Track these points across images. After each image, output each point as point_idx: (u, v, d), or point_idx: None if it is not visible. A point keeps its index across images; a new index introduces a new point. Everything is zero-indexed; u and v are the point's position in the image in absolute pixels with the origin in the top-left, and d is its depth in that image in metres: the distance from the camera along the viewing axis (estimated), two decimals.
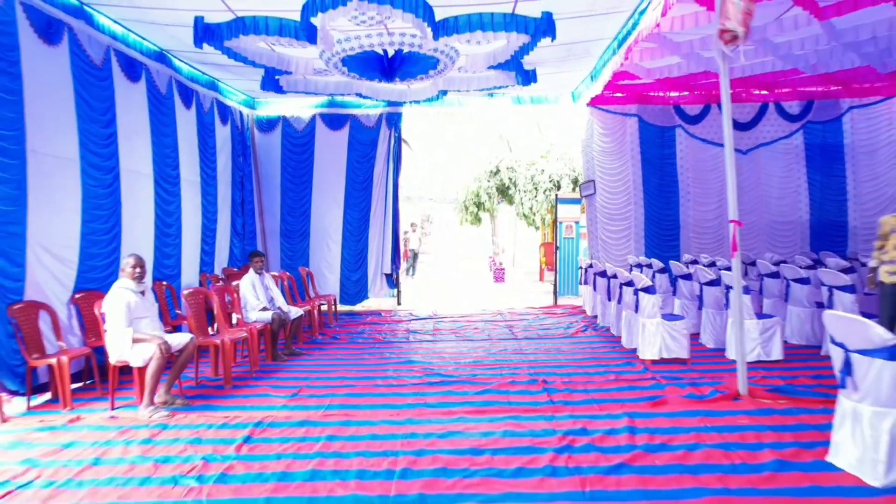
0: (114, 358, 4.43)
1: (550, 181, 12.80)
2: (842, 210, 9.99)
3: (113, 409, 4.47)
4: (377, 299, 10.08)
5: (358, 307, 9.79)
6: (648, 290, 5.59)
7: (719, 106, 9.90)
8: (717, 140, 9.92)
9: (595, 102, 9.56)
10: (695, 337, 6.42)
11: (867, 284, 4.99)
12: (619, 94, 9.60)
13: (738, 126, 10.08)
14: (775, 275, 7.02)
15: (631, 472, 3.18)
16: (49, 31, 4.93)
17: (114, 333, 4.36)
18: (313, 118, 9.61)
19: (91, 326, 5.25)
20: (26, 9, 4.67)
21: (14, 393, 4.46)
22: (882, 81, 9.29)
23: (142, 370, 4.35)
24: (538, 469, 3.23)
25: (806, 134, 10.00)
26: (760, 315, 5.67)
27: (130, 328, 4.34)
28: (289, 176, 9.73)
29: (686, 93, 9.76)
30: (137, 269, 4.48)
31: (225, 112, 8.55)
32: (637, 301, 5.70)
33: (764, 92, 9.72)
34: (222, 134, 8.44)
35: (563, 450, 3.48)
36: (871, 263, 4.91)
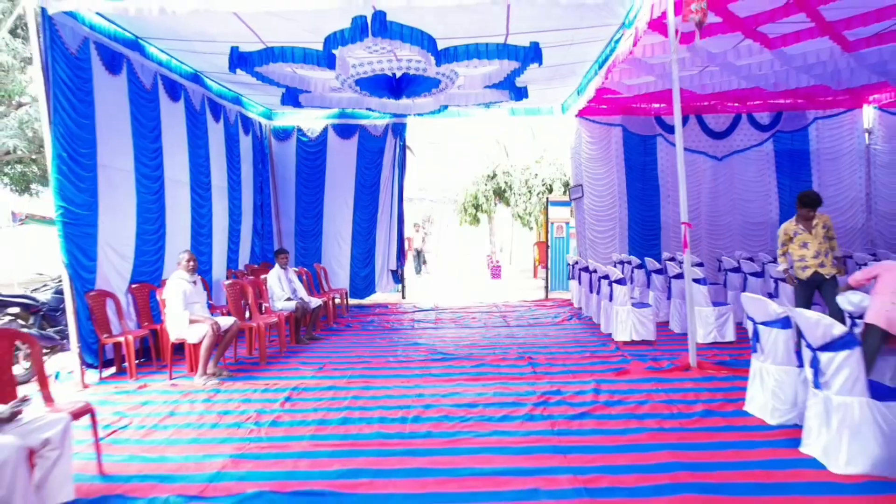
0: (173, 336, 5.37)
1: (543, 185, 13.74)
2: None
3: (171, 378, 5.39)
4: (384, 294, 11.01)
5: (366, 301, 10.72)
6: (621, 281, 6.52)
7: (697, 117, 11.00)
8: (694, 148, 10.87)
9: (582, 114, 10.48)
10: (665, 324, 7.35)
11: (788, 282, 5.83)
12: (604, 107, 10.50)
13: (714, 135, 11.05)
14: (737, 269, 7.95)
15: (591, 419, 4.10)
16: (112, 63, 5.86)
17: (173, 316, 5.29)
18: (325, 128, 10.54)
19: (144, 312, 6.20)
20: (97, 46, 5.60)
21: (90, 366, 5.38)
22: (843, 95, 10.23)
23: (196, 346, 5.28)
24: (519, 416, 4.16)
25: (775, 142, 10.92)
26: (717, 303, 6.60)
27: (187, 311, 5.26)
28: (303, 181, 10.66)
29: (665, 105, 10.67)
30: (191, 263, 5.41)
31: (247, 123, 9.48)
32: (611, 291, 6.63)
33: (737, 104, 10.63)
34: (245, 143, 9.36)
35: (539, 404, 4.41)
36: (780, 267, 5.77)
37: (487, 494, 2.98)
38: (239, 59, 6.70)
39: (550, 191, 13.58)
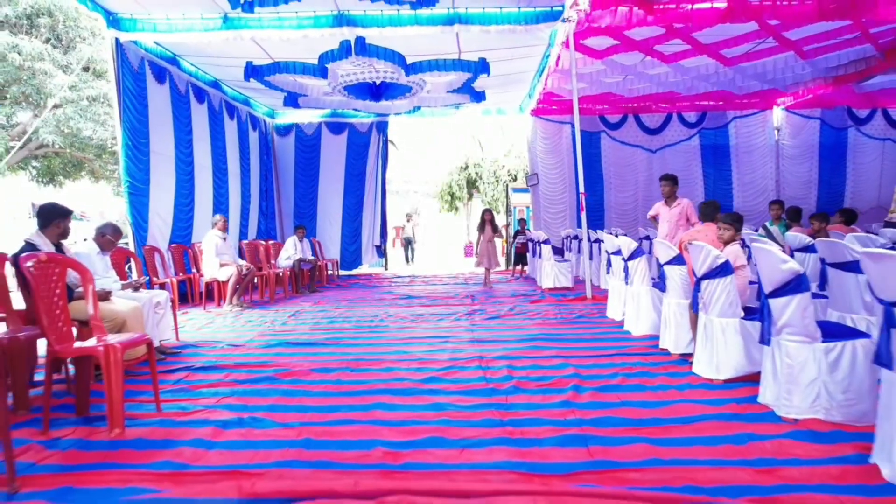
0: (207, 276, 7.29)
1: (509, 175, 15.70)
2: (728, 196, 12.92)
3: (205, 309, 7.31)
4: (370, 267, 12.94)
5: (354, 272, 12.64)
6: (546, 242, 8.49)
7: (634, 116, 12.97)
8: (632, 142, 12.87)
9: (536, 113, 12.45)
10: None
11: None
12: (555, 107, 12.46)
13: (649, 131, 13.03)
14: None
15: (501, 320, 6.05)
16: (159, 75, 7.76)
17: (207, 262, 7.21)
18: (320, 125, 12.45)
19: (179, 265, 8.09)
20: (149, 63, 7.51)
21: None
22: (755, 98, 12.24)
23: (225, 284, 7.20)
24: (457, 317, 6.12)
25: (701, 137, 12.92)
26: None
27: (218, 259, 7.18)
28: (300, 170, 12.57)
29: (607, 106, 12.64)
30: (222, 223, 7.33)
31: (254, 121, 11.38)
32: (541, 251, 8.60)
33: (665, 105, 12.62)
34: (253, 138, 11.26)
35: (469, 314, 6.37)
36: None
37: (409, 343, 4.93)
38: (252, 71, 8.63)
39: (515, 180, 15.55)
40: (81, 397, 3.03)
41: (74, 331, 3.27)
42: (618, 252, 5.66)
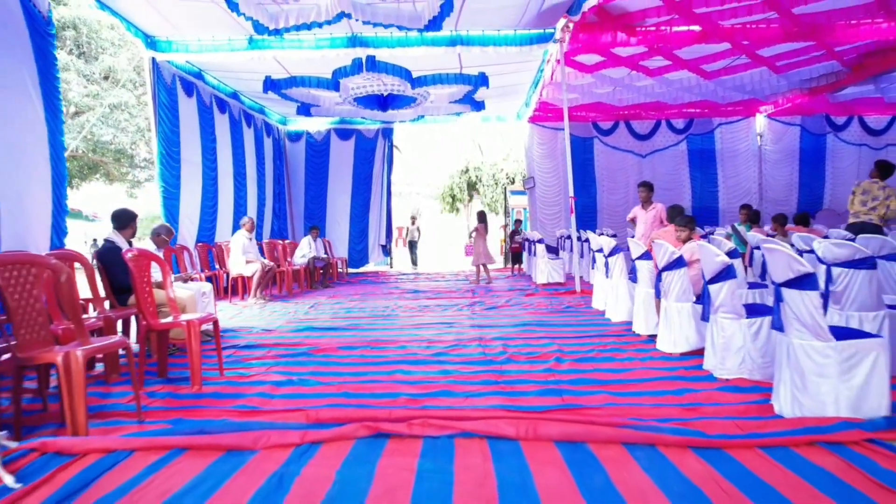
0: (234, 272, 8.06)
1: (507, 178, 16.48)
2: (714, 198, 13.71)
3: (231, 302, 8.08)
4: (376, 265, 13.72)
5: (361, 270, 13.42)
6: (540, 241, 9.26)
7: (625, 123, 13.74)
8: (624, 147, 13.65)
9: (533, 120, 13.23)
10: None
11: None
12: (550, 115, 13.23)
13: (639, 137, 13.81)
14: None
15: (500, 310, 6.82)
16: (188, 89, 8.54)
17: (235, 259, 7.98)
18: (329, 131, 13.23)
19: (204, 262, 8.86)
20: (180, 78, 8.29)
21: None
22: (739, 106, 13.02)
23: (249, 279, 7.97)
24: (459, 308, 6.89)
25: (688, 143, 13.70)
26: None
27: (244, 256, 7.96)
28: (310, 174, 13.34)
29: (599, 114, 13.40)
30: (250, 224, 8.11)
31: (269, 129, 12.16)
32: (535, 250, 9.37)
33: (655, 112, 13.39)
34: (267, 144, 12.04)
35: (469, 305, 7.14)
36: None
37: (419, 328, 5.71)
38: (271, 84, 9.42)
39: (513, 182, 16.32)
40: (162, 362, 3.81)
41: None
42: (601, 250, 6.43)
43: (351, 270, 13.12)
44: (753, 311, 3.66)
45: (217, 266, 8.89)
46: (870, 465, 2.30)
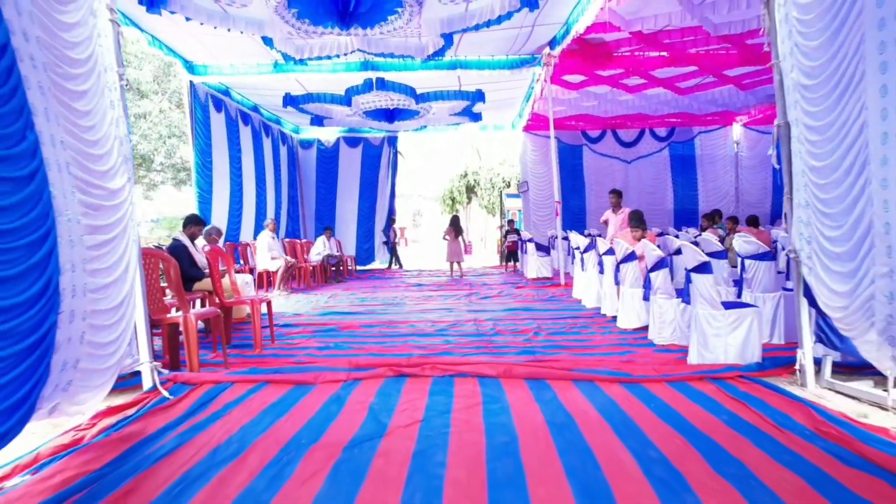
0: (260, 267, 9.17)
1: (503, 182, 17.61)
2: (694, 200, 14.82)
3: (257, 294, 9.18)
4: (380, 262, 14.83)
5: (367, 267, 14.53)
6: (531, 240, 10.37)
7: (612, 131, 14.84)
8: (610, 154, 14.76)
9: (527, 129, 14.33)
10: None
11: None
12: (542, 124, 14.32)
13: (625, 144, 14.92)
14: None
15: (492, 300, 7.93)
16: (218, 105, 9.65)
17: (261, 256, 9.10)
18: (338, 139, 14.34)
19: (232, 260, 9.96)
20: (211, 96, 9.40)
21: None
22: (717, 116, 14.12)
23: (274, 273, 9.08)
24: (458, 297, 8.00)
25: (670, 150, 14.81)
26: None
27: (269, 253, 9.07)
28: (321, 178, 14.45)
29: (588, 123, 14.51)
30: (273, 224, 9.22)
31: (284, 137, 13.27)
32: (526, 248, 10.49)
33: (639, 122, 14.49)
34: (282, 151, 13.15)
35: (468, 295, 8.25)
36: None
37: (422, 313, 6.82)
38: (290, 100, 10.53)
39: (508, 186, 17.45)
40: (227, 332, 4.92)
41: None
42: (578, 247, 7.55)
43: (359, 268, 14.22)
44: (681, 293, 4.78)
45: (241, 262, 9.99)
46: (734, 390, 3.41)
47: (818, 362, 3.53)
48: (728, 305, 3.93)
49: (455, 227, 11.66)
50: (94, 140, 2.78)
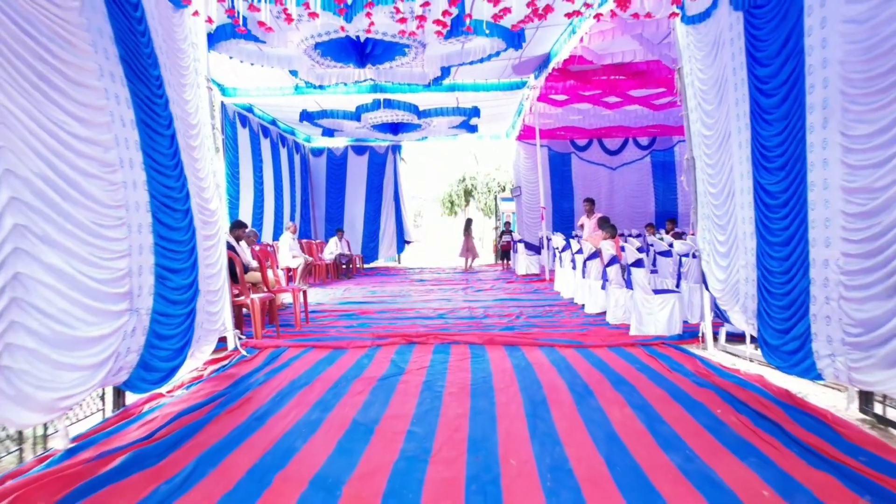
0: (282, 265, 10.45)
1: (499, 186, 18.88)
2: (674, 204, 16.08)
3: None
4: (385, 261, 16.12)
5: (373, 265, 15.82)
6: (521, 241, 11.66)
7: (598, 140, 16.07)
8: (596, 161, 16.02)
9: (520, 138, 15.58)
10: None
11: None
12: (533, 134, 15.58)
13: (610, 152, 16.18)
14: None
15: (485, 292, 9.21)
16: (243, 121, 10.93)
17: (283, 254, 10.39)
18: (346, 148, 15.62)
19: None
20: (238, 114, 10.67)
21: None
22: None
23: (295, 270, 10.36)
24: (455, 290, 9.29)
25: (652, 157, 16.07)
26: None
27: (290, 252, 10.36)
28: (330, 184, 15.73)
29: (575, 134, 15.76)
30: (294, 227, 10.51)
31: (297, 146, 14.55)
32: (516, 247, 11.77)
33: (623, 132, 15.75)
34: (296, 160, 14.42)
35: (464, 289, 9.54)
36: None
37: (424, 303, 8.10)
38: (306, 116, 11.81)
39: (503, 190, 18.72)
40: (273, 314, 6.20)
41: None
42: (558, 247, 8.83)
43: (366, 266, 15.50)
44: (629, 284, 6.06)
45: (269, 260, 11.25)
46: (654, 352, 4.69)
47: (718, 334, 4.82)
48: (657, 292, 5.22)
49: (468, 230, 13.48)
50: (202, 177, 4.06)
